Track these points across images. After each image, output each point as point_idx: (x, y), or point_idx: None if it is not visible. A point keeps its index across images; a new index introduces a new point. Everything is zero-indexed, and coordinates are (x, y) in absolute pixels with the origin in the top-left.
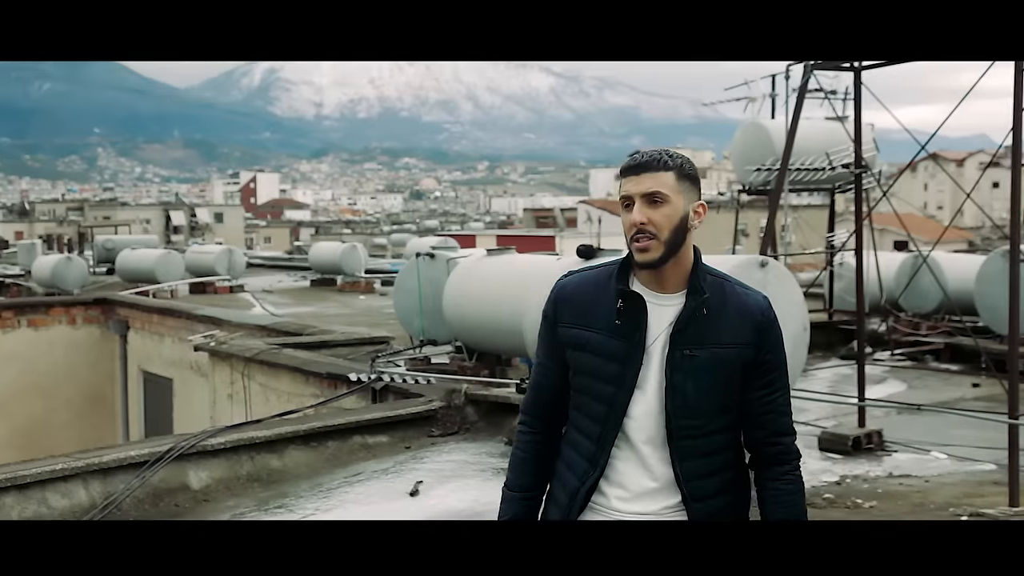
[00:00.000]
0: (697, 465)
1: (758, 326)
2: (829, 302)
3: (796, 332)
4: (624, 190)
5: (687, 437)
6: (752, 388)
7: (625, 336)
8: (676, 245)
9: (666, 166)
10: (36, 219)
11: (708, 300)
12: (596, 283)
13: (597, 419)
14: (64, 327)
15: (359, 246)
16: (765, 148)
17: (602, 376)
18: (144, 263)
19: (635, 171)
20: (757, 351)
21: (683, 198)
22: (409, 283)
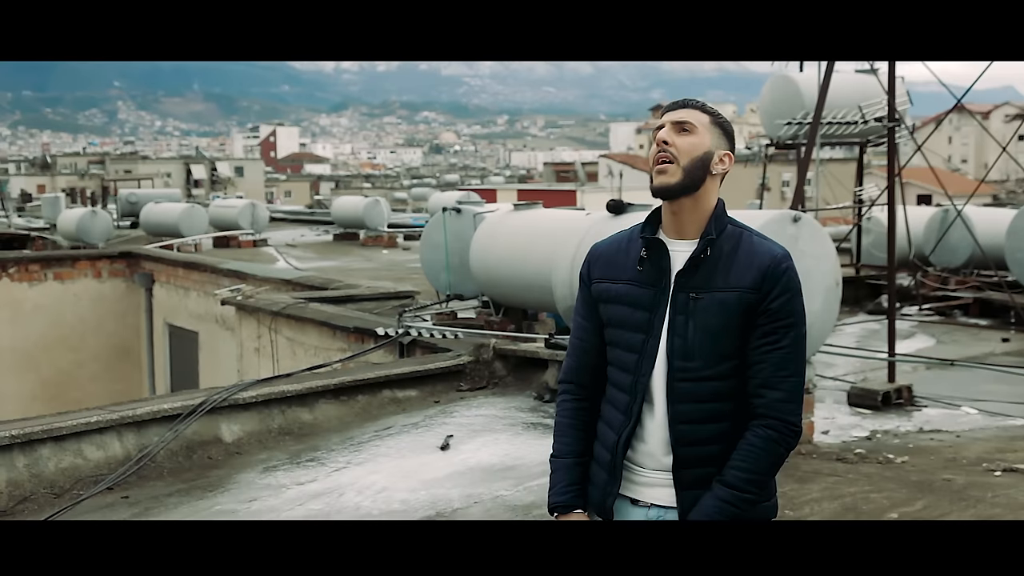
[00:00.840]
0: (689, 409)
1: (764, 272)
2: (856, 257)
3: (828, 287)
4: (659, 123)
5: (683, 380)
6: (754, 337)
7: (650, 283)
8: (694, 178)
9: (704, 109)
10: (58, 172)
11: (716, 244)
12: (625, 238)
13: (629, 368)
14: (90, 280)
15: (382, 200)
16: (794, 101)
17: (630, 325)
18: (168, 217)
19: (673, 107)
20: (761, 298)
21: (711, 137)
22: (435, 238)
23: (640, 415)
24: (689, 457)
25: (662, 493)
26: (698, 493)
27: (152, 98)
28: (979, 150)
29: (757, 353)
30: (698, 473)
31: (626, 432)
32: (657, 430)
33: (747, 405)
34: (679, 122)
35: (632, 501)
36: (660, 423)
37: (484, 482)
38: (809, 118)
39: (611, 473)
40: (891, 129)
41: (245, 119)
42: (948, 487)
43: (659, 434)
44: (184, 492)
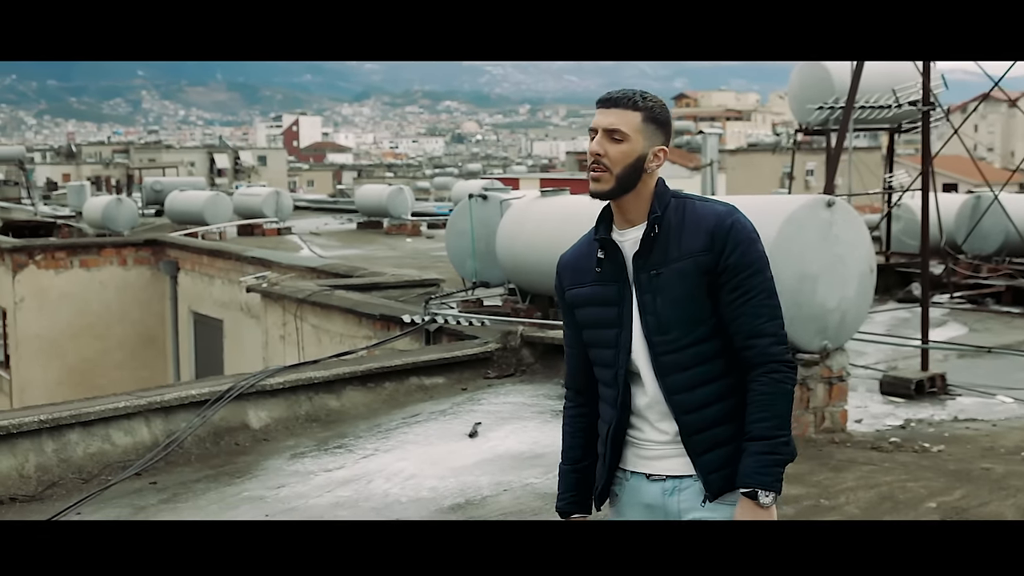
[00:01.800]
0: (678, 379)
1: (712, 232)
2: (886, 244)
3: (863, 273)
4: (593, 122)
5: (665, 352)
6: (723, 295)
7: (612, 279)
8: (628, 182)
9: (635, 106)
10: (83, 161)
11: (660, 219)
12: (586, 243)
13: (609, 363)
14: (115, 268)
15: (405, 189)
16: (824, 87)
17: (604, 322)
18: (193, 205)
19: (606, 104)
20: (716, 257)
21: (643, 139)
22: (461, 225)
23: (628, 404)
24: (693, 423)
25: (674, 464)
26: (713, 456)
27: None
28: (1005, 138)
29: (732, 309)
30: (706, 437)
31: (614, 424)
32: (654, 407)
33: (737, 359)
34: (610, 130)
35: (647, 477)
36: (656, 399)
37: (513, 469)
38: (841, 103)
39: (604, 463)
40: (926, 113)
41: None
42: (987, 476)
43: (658, 409)
44: (212, 478)
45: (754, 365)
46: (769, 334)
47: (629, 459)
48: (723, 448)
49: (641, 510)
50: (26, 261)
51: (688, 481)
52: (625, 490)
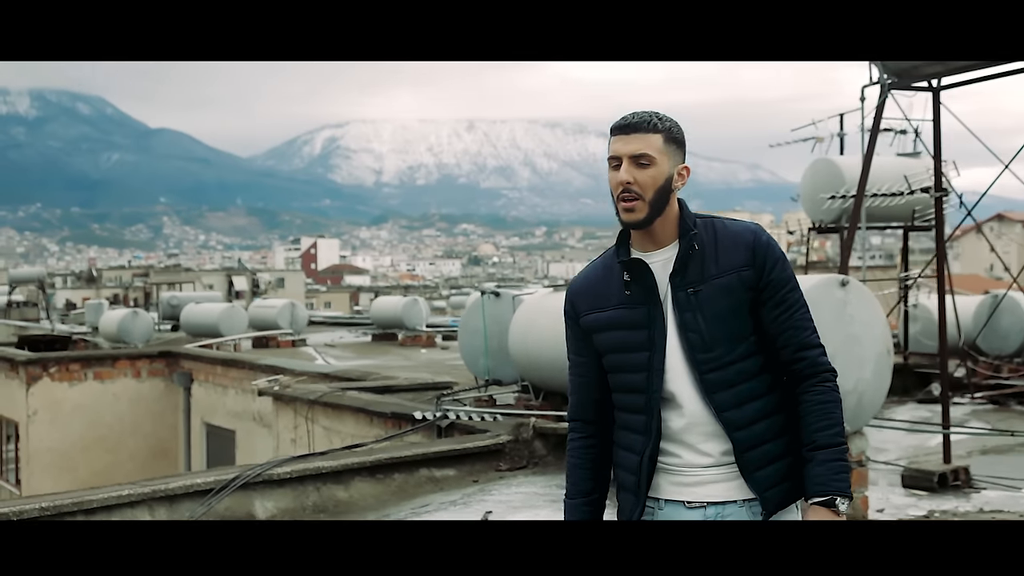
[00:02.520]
0: (726, 397)
1: (751, 247)
2: (904, 345)
3: (879, 354)
4: (613, 150)
5: (710, 371)
6: (766, 310)
7: (640, 302)
8: (660, 205)
9: (655, 128)
10: (103, 285)
11: (697, 236)
12: (602, 267)
13: (639, 389)
14: (129, 380)
15: (420, 300)
16: (836, 183)
17: (632, 346)
18: (208, 317)
19: (625, 131)
20: (758, 273)
21: (669, 160)
22: (474, 322)
23: (659, 430)
24: (745, 440)
25: (716, 489)
26: (768, 472)
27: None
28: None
29: (778, 323)
30: (759, 453)
31: (648, 450)
32: (694, 428)
33: (782, 374)
34: (635, 156)
35: (685, 505)
36: (697, 419)
37: None
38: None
39: (637, 494)
40: (939, 199)
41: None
42: None
43: (699, 430)
44: None
45: (806, 376)
46: (816, 345)
47: (662, 487)
48: (777, 463)
49: None
50: (40, 374)
51: (732, 508)
52: (657, 519)
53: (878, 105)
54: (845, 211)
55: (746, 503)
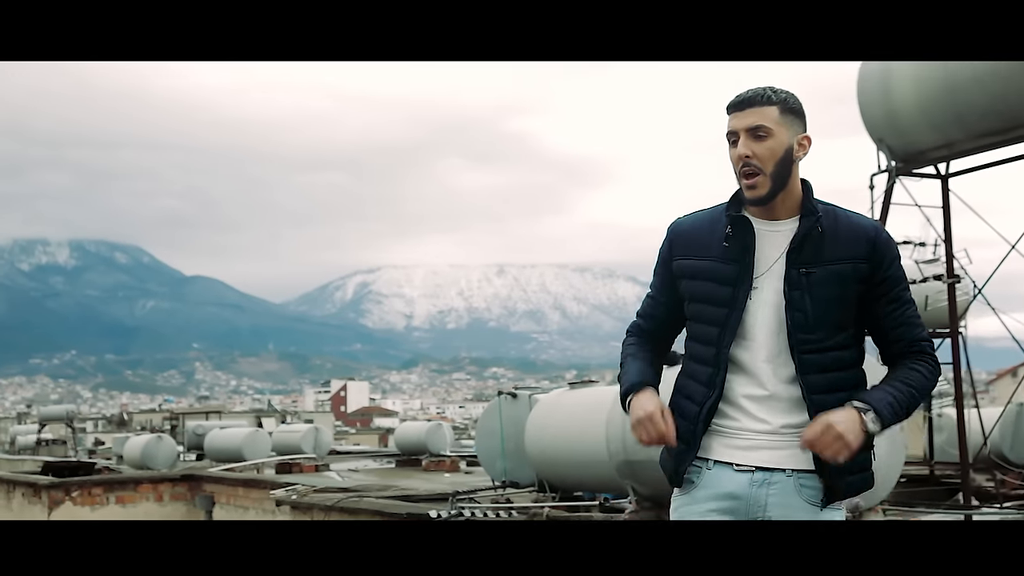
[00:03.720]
0: (818, 380)
1: (872, 242)
2: (929, 454)
3: (891, 432)
4: (730, 126)
5: (808, 352)
6: (880, 305)
7: (735, 259)
8: (783, 178)
9: (769, 100)
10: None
11: (821, 219)
12: (709, 217)
13: (711, 342)
14: (151, 503)
15: (444, 424)
16: None
17: (715, 300)
18: (232, 441)
19: (740, 107)
20: (873, 267)
21: (786, 131)
22: (491, 424)
23: (723, 385)
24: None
25: (767, 455)
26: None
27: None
28: None
29: (894, 319)
30: None
31: (709, 402)
32: (768, 401)
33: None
34: (752, 128)
35: (733, 467)
36: (775, 394)
37: None
38: None
39: (689, 443)
40: (951, 285)
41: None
42: None
43: (771, 404)
44: None
45: (919, 358)
46: (928, 340)
47: (714, 448)
48: (858, 455)
49: (722, 499)
50: (62, 498)
51: (780, 475)
52: (704, 478)
53: (886, 190)
54: None
55: (795, 473)
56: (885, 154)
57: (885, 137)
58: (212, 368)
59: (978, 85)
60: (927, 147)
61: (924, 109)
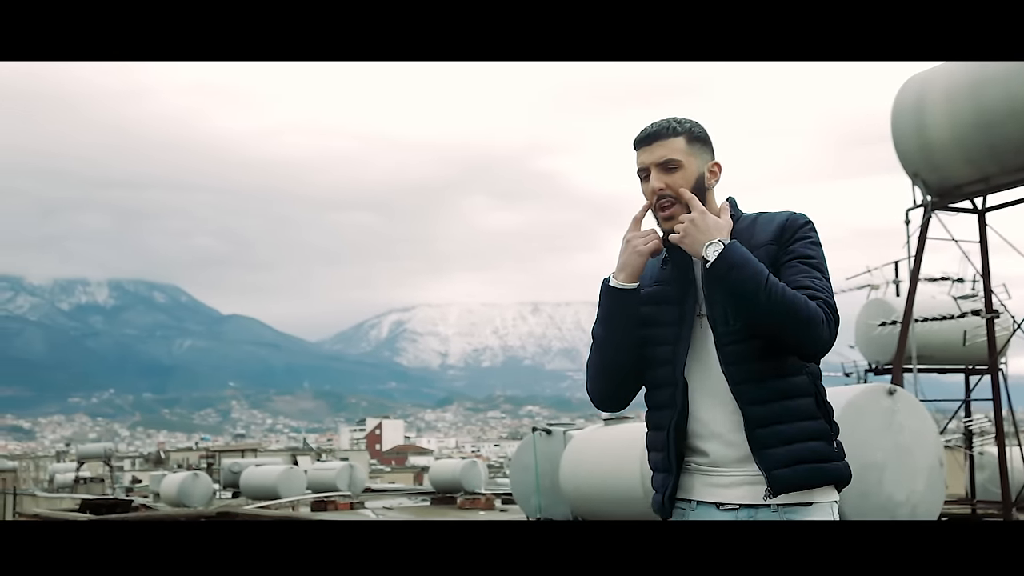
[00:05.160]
0: (743, 370)
1: (781, 225)
2: (971, 493)
3: (932, 466)
4: (639, 162)
5: (730, 343)
6: (782, 271)
7: (676, 280)
8: None
9: (675, 132)
10: (169, 467)
11: (739, 219)
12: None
13: (667, 360)
14: None
15: (479, 462)
16: (885, 312)
17: (663, 321)
18: (267, 479)
19: (646, 142)
20: (781, 244)
21: (696, 160)
22: (526, 459)
23: (685, 402)
24: (757, 416)
25: (749, 492)
26: (777, 452)
27: (264, 397)
28: None
29: (793, 280)
30: (770, 432)
31: (674, 420)
32: (717, 411)
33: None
34: (662, 163)
35: (717, 507)
36: (719, 400)
37: None
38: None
39: (667, 469)
40: (990, 320)
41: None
42: None
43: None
44: None
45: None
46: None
47: (695, 488)
48: (792, 445)
49: None
50: None
51: (765, 511)
52: (690, 519)
53: (922, 225)
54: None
55: (780, 508)
56: (920, 189)
57: (920, 172)
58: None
59: (1013, 119)
60: (963, 181)
61: (959, 143)
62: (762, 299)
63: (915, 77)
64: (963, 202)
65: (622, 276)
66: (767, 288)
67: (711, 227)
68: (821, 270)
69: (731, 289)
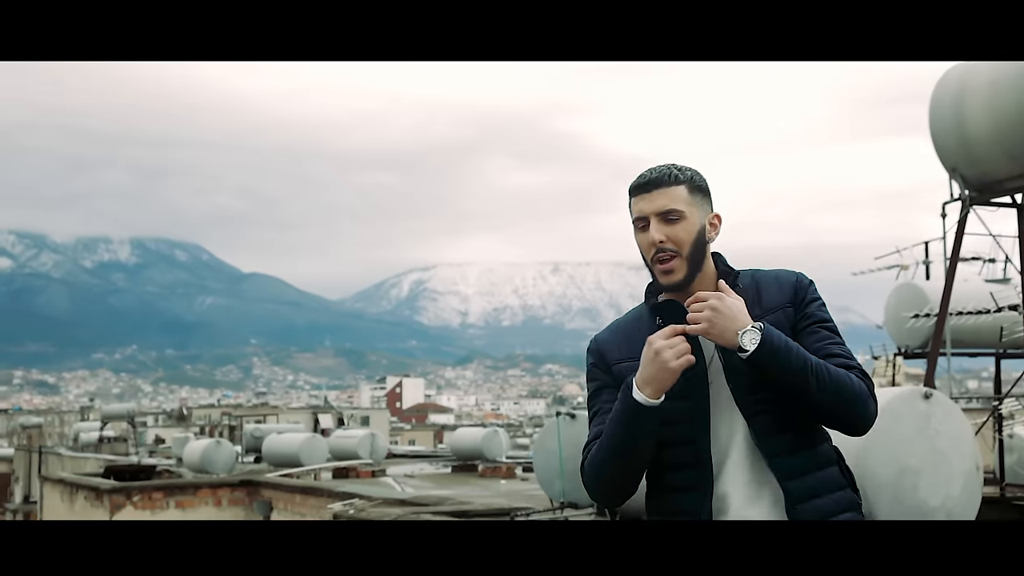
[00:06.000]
0: (776, 443)
1: (794, 287)
2: (1000, 476)
3: (968, 471)
4: (637, 210)
5: (758, 413)
6: (804, 337)
7: None
8: (698, 260)
9: (677, 180)
10: (192, 424)
11: (740, 279)
12: (630, 321)
13: (684, 440)
14: (210, 508)
15: (500, 431)
16: (919, 305)
17: (671, 394)
18: (290, 447)
19: (646, 188)
20: (798, 307)
21: (697, 211)
22: (549, 444)
23: (712, 484)
24: (794, 493)
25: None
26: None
27: (285, 354)
28: None
29: (820, 347)
30: (807, 508)
31: (706, 507)
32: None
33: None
34: (663, 213)
35: None
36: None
37: None
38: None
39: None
40: None
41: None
42: None
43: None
44: None
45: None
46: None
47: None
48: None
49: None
50: (124, 502)
51: None
52: None
53: (959, 220)
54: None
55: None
56: (958, 183)
57: (959, 166)
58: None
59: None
60: (1003, 176)
61: (1000, 138)
62: (812, 385)
63: (953, 70)
64: (1003, 197)
65: (648, 391)
66: (814, 372)
67: (736, 311)
68: (839, 333)
69: (774, 376)
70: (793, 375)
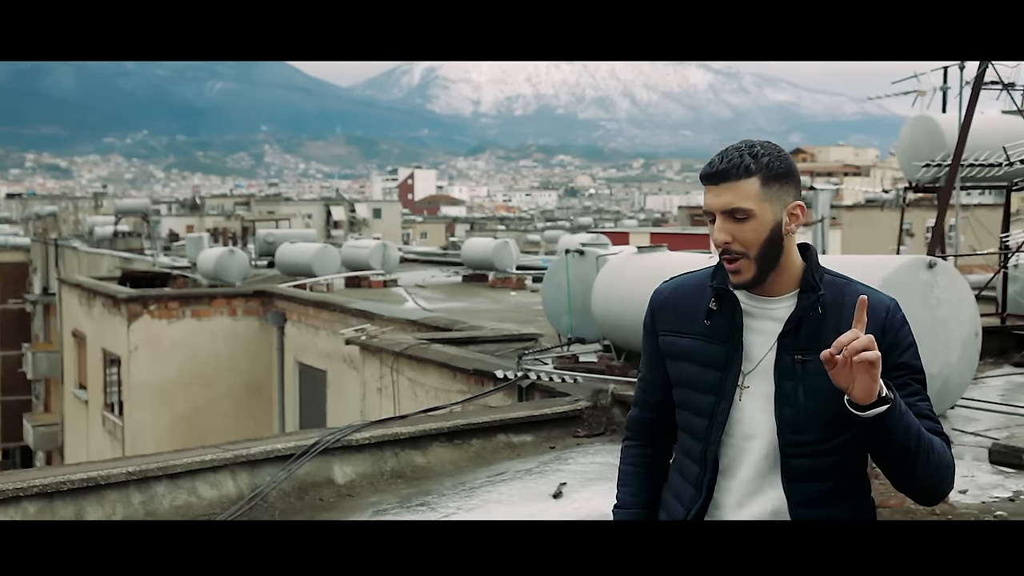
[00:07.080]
0: (808, 490)
1: (883, 325)
2: (1002, 306)
3: (967, 338)
4: (705, 203)
5: (797, 455)
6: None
7: (721, 339)
8: (772, 258)
9: (748, 172)
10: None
11: (823, 298)
12: (695, 286)
13: (699, 435)
14: (225, 318)
15: (511, 242)
16: (935, 143)
17: (700, 386)
18: (302, 257)
19: (712, 180)
20: (885, 353)
21: (771, 206)
22: (558, 279)
23: (712, 488)
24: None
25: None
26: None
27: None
28: None
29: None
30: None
31: (696, 507)
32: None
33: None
34: (728, 212)
35: None
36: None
37: None
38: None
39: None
40: None
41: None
42: None
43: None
44: None
45: None
46: (942, 432)
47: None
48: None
49: None
50: (140, 311)
51: None
52: None
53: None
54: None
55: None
56: None
57: None
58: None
59: None
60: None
61: None
62: (919, 461)
63: None
64: None
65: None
66: (923, 447)
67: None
68: (924, 379)
69: (880, 440)
70: (905, 444)
